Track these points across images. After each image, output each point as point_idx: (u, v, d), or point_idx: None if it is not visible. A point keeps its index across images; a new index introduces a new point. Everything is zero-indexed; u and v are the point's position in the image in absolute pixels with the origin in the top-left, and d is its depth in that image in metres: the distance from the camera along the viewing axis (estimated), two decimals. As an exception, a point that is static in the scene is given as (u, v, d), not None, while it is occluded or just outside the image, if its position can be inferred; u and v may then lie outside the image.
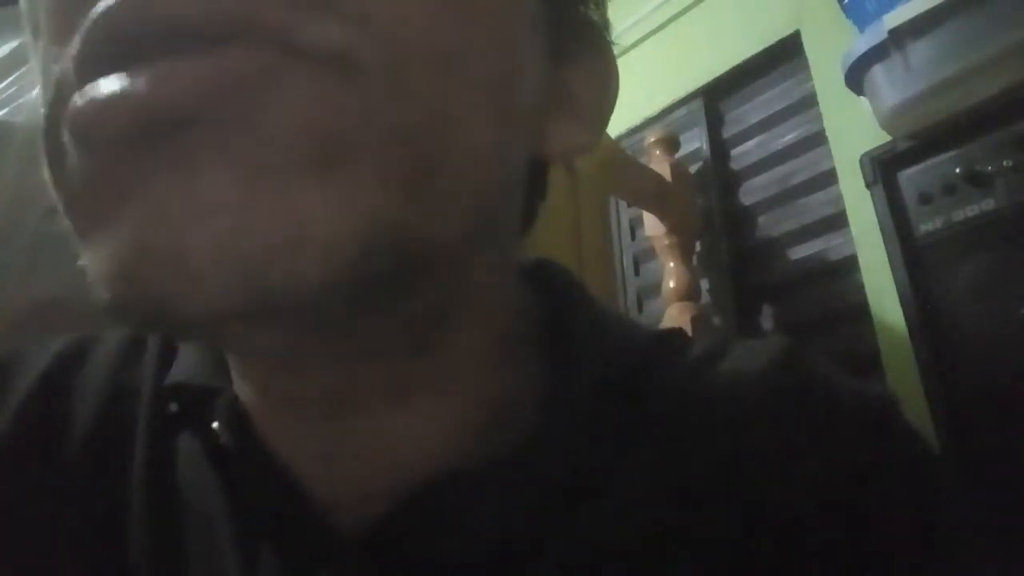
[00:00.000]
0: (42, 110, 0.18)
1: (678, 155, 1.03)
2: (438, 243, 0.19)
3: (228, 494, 0.24)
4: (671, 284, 0.94)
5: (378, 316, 0.20)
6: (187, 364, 0.27)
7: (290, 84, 0.16)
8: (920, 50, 0.70)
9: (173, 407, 0.26)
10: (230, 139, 0.16)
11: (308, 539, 0.23)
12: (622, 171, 0.95)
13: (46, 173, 0.19)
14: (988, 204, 0.70)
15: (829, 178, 0.88)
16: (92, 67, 0.16)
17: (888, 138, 0.79)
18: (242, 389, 0.25)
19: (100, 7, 0.16)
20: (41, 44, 0.18)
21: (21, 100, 0.66)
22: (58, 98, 0.17)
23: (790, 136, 0.95)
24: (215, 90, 0.15)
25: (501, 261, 0.26)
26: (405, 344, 0.23)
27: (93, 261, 0.18)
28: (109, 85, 0.16)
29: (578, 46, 0.26)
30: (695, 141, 1.06)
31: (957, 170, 0.72)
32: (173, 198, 0.16)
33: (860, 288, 0.81)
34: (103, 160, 0.16)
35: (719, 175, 1.02)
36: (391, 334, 0.22)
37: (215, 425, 0.25)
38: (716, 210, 1.00)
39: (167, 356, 0.28)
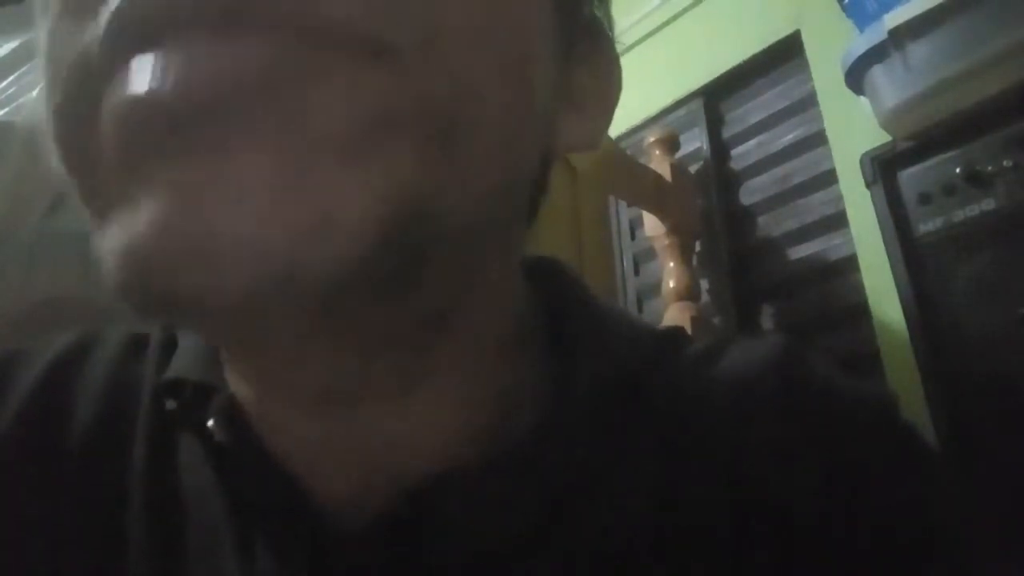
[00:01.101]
0: (51, 94, 0.18)
1: (678, 155, 1.03)
2: (459, 217, 0.19)
3: (226, 492, 0.24)
4: (671, 284, 0.94)
5: (394, 300, 0.20)
6: (184, 360, 0.27)
7: (325, 72, 0.16)
8: (920, 50, 0.70)
9: (171, 404, 0.26)
10: (266, 125, 0.16)
11: (307, 537, 0.23)
12: (622, 171, 0.95)
13: (58, 156, 0.19)
14: (988, 204, 0.70)
15: (829, 178, 0.88)
16: (124, 48, 0.16)
17: (888, 138, 0.79)
18: (238, 386, 0.25)
19: None
20: (51, 19, 0.18)
21: (21, 100, 0.66)
22: (84, 78, 0.17)
23: (790, 136, 0.95)
24: (253, 78, 0.15)
25: (508, 254, 0.26)
26: (413, 335, 0.22)
27: (113, 241, 0.17)
28: (147, 71, 0.16)
29: (584, 44, 0.26)
30: (695, 141, 1.06)
31: (957, 170, 0.72)
32: (205, 179, 0.16)
33: (860, 288, 0.81)
34: (138, 143, 0.16)
35: (719, 175, 1.02)
36: (402, 324, 0.22)
37: (210, 423, 0.25)
38: (716, 210, 1.00)
39: (168, 355, 0.28)
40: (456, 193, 0.19)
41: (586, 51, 0.26)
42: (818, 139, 0.91)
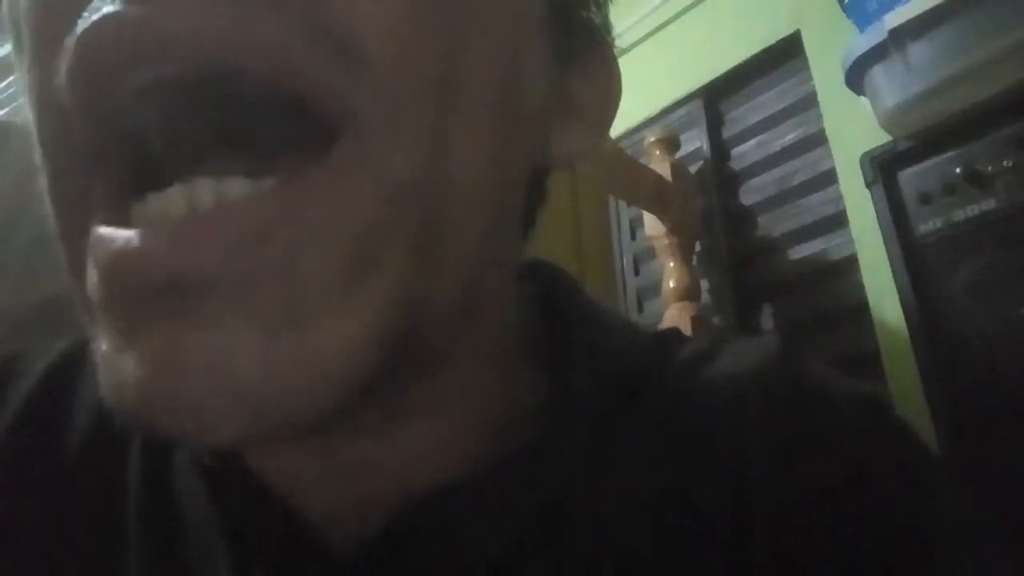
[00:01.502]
0: (42, 153, 0.18)
1: (678, 155, 1.03)
2: (447, 298, 0.19)
3: (220, 509, 0.24)
4: (671, 284, 0.94)
5: (388, 379, 0.20)
6: None
7: (313, 214, 0.16)
8: (920, 50, 0.70)
9: None
10: (250, 298, 0.15)
11: (302, 555, 0.23)
12: (622, 171, 0.94)
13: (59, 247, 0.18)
14: (988, 204, 0.70)
15: (829, 178, 0.88)
16: (96, 141, 0.16)
17: (888, 138, 0.79)
18: None
19: (80, 28, 0.15)
20: (25, 62, 0.18)
21: (21, 100, 0.66)
22: (72, 192, 0.17)
23: (790, 136, 0.95)
24: (237, 251, 0.15)
25: (502, 273, 0.26)
26: (412, 382, 0.22)
27: (102, 367, 0.17)
28: (124, 244, 0.15)
29: (581, 50, 0.25)
30: (695, 141, 1.06)
31: (957, 170, 0.72)
32: (184, 349, 0.15)
33: (860, 288, 0.81)
34: (117, 308, 0.16)
35: (719, 175, 1.02)
36: (400, 381, 0.21)
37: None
38: (716, 210, 1.00)
39: None
40: (447, 277, 0.18)
41: (583, 59, 0.26)
42: (818, 139, 0.91)
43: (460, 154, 0.18)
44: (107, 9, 0.15)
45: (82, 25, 0.15)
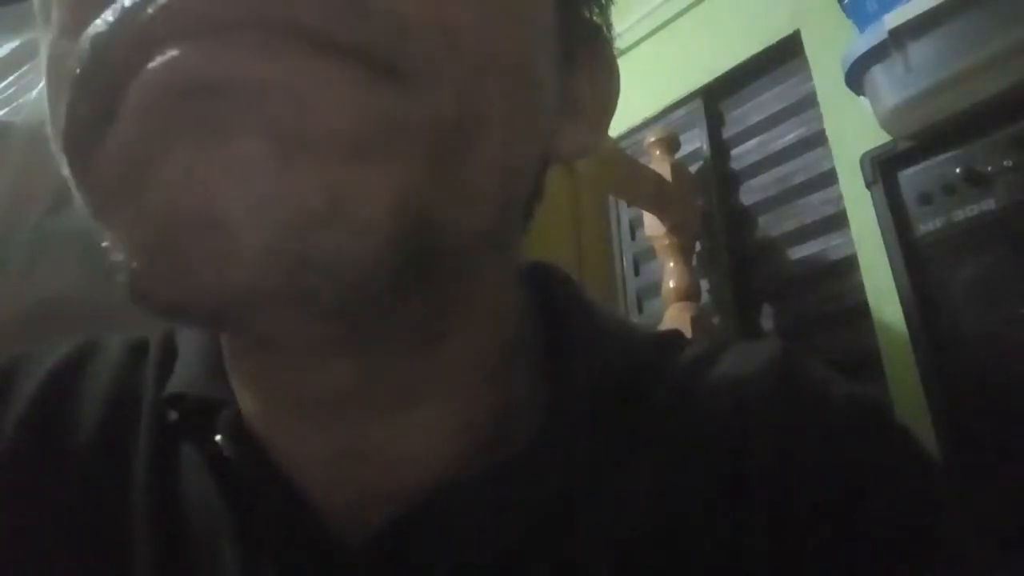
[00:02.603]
0: (58, 99, 0.18)
1: (678, 155, 1.03)
2: (461, 233, 0.19)
3: (230, 504, 0.24)
4: (671, 284, 0.94)
5: (396, 307, 0.20)
6: (186, 374, 0.27)
7: (339, 78, 0.16)
8: (920, 50, 0.70)
9: (173, 416, 0.26)
10: (273, 111, 0.16)
11: (311, 549, 0.23)
12: (622, 171, 0.95)
13: (64, 154, 0.18)
14: (988, 204, 0.70)
15: (829, 178, 0.88)
16: (147, 36, 0.16)
17: (888, 138, 0.79)
18: (243, 399, 0.25)
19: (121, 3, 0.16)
20: (53, 35, 0.18)
21: (21, 100, 0.66)
22: (97, 70, 0.17)
23: (790, 136, 0.95)
24: (267, 69, 0.15)
25: (506, 263, 0.26)
26: (415, 346, 0.23)
27: (121, 234, 0.18)
28: (174, 55, 0.16)
29: (584, 51, 0.26)
30: (695, 141, 1.06)
31: (957, 170, 0.72)
32: (209, 158, 0.16)
33: (860, 288, 0.81)
34: (147, 121, 0.16)
35: (719, 175, 1.02)
36: (403, 333, 0.22)
37: (218, 437, 0.25)
38: (716, 210, 1.00)
39: (167, 364, 0.28)
40: (460, 207, 0.19)
41: (586, 58, 0.26)
42: (818, 139, 0.91)
43: (491, 113, 0.19)
44: None
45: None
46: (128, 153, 0.17)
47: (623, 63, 0.28)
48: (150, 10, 0.15)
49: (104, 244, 0.19)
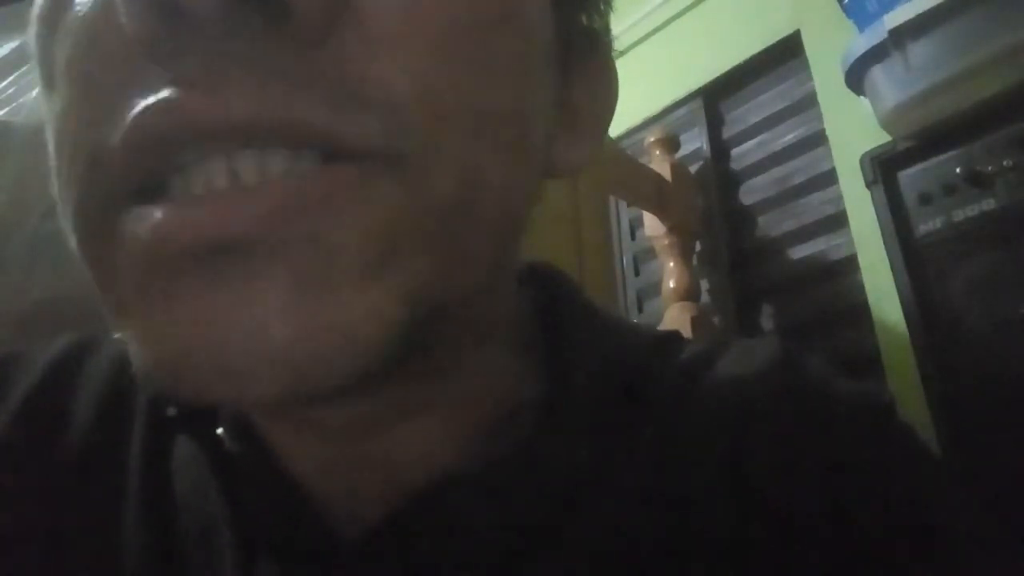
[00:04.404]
0: (65, 181, 0.18)
1: (678, 155, 1.03)
2: (468, 292, 0.20)
3: (228, 499, 0.24)
4: (671, 284, 0.94)
5: (410, 364, 0.20)
6: None
7: (339, 194, 0.16)
8: (920, 50, 0.70)
9: (172, 411, 0.26)
10: (285, 261, 0.16)
11: (308, 544, 0.23)
12: (622, 171, 0.95)
13: (67, 228, 0.19)
14: (988, 204, 0.70)
15: (829, 178, 0.88)
16: (144, 167, 0.16)
17: (888, 138, 0.79)
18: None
19: (138, 110, 0.16)
20: (61, 100, 0.18)
21: (21, 100, 0.66)
22: (103, 182, 0.17)
23: (790, 136, 0.95)
24: (274, 217, 0.16)
25: (506, 278, 0.26)
26: (425, 372, 0.23)
27: (135, 346, 0.18)
28: (167, 213, 0.16)
29: (581, 57, 0.26)
30: (695, 141, 1.06)
31: (957, 170, 0.72)
32: (224, 312, 0.16)
33: (860, 288, 0.81)
34: (159, 276, 0.17)
35: (719, 175, 1.02)
36: (418, 370, 0.22)
37: (220, 430, 0.25)
38: (716, 210, 1.00)
39: None
40: (463, 276, 0.19)
41: (584, 66, 0.26)
42: (818, 139, 0.91)
43: (488, 178, 0.19)
44: (163, 95, 0.16)
45: (140, 103, 0.16)
46: (138, 287, 0.17)
47: (622, 63, 0.28)
48: (151, 115, 0.16)
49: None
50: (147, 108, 0.16)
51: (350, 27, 0.17)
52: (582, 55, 0.26)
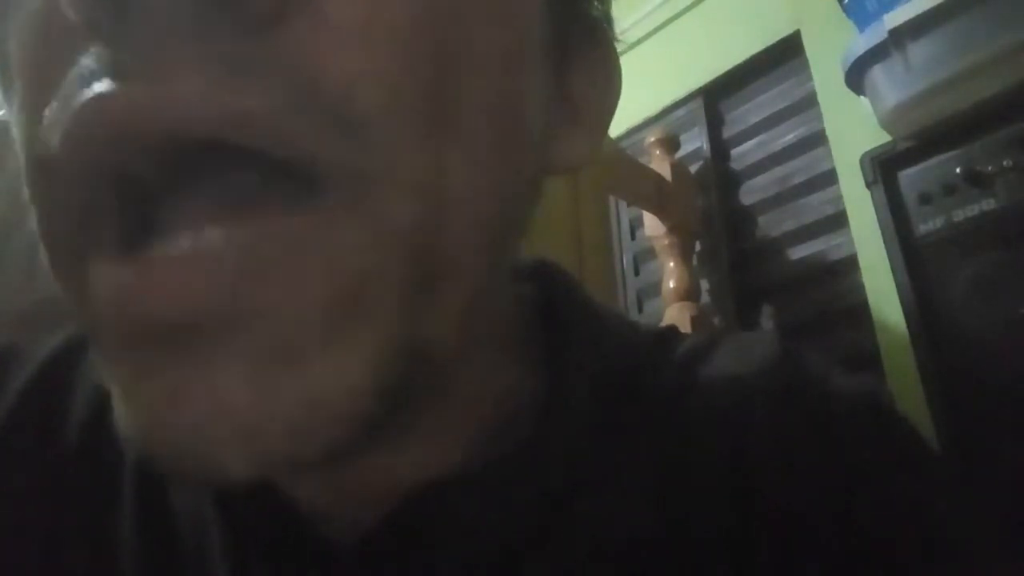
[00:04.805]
0: (30, 193, 0.18)
1: (678, 155, 1.03)
2: (450, 324, 0.18)
3: (218, 501, 0.24)
4: (671, 284, 0.94)
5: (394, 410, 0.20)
6: None
7: (306, 261, 0.15)
8: (920, 50, 0.70)
9: None
10: (246, 337, 0.15)
11: (301, 548, 0.23)
12: (622, 171, 0.94)
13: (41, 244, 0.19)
14: (988, 204, 0.70)
15: (829, 178, 0.88)
16: (86, 196, 0.16)
17: (888, 138, 0.79)
18: None
19: (75, 110, 0.15)
20: (14, 102, 0.18)
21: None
22: (64, 235, 0.17)
23: (790, 136, 0.95)
24: (232, 293, 0.15)
25: (500, 276, 0.25)
26: (414, 402, 0.22)
27: (116, 402, 0.18)
28: (114, 280, 0.16)
29: (581, 47, 0.24)
30: (695, 141, 1.06)
31: (957, 170, 0.72)
32: (188, 390, 0.16)
33: (860, 288, 0.81)
34: (127, 346, 0.16)
35: (719, 175, 1.02)
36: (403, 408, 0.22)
37: None
38: (716, 210, 1.00)
39: None
40: (447, 308, 0.18)
41: (584, 55, 0.25)
42: (818, 139, 0.91)
43: (460, 195, 0.18)
44: (98, 90, 0.15)
45: (75, 102, 0.15)
46: (107, 355, 0.17)
47: (623, 63, 0.27)
48: (72, 136, 0.15)
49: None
50: (85, 106, 0.15)
51: (306, 12, 0.15)
52: (581, 45, 0.24)
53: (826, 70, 0.87)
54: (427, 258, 0.17)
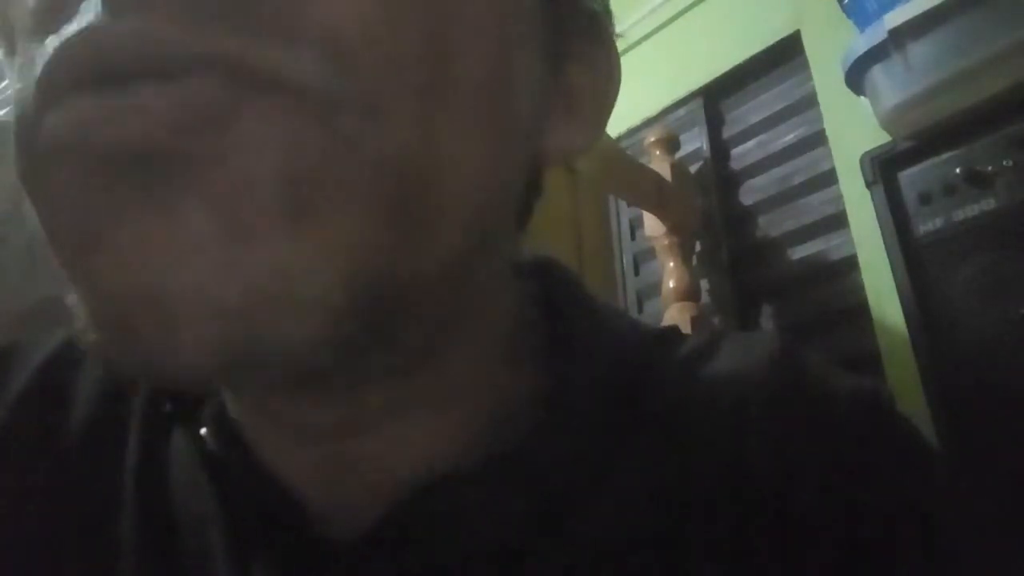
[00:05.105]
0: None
1: (678, 155, 1.03)
2: (428, 273, 0.19)
3: (220, 499, 0.24)
4: (671, 284, 0.94)
5: (374, 352, 0.20)
6: None
7: (257, 123, 0.15)
8: (920, 50, 0.70)
9: (168, 406, 0.26)
10: (204, 177, 0.15)
11: (301, 546, 0.23)
12: (622, 171, 0.94)
13: (31, 210, 0.18)
14: (988, 204, 0.70)
15: (829, 178, 0.88)
16: (56, 92, 0.16)
17: (888, 138, 0.79)
18: (228, 399, 0.25)
19: (56, 41, 0.15)
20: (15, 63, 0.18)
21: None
22: (24, 124, 0.16)
23: (790, 136, 0.95)
24: (185, 124, 0.15)
25: (498, 267, 0.26)
26: (406, 367, 0.22)
27: (79, 302, 0.17)
28: (78, 109, 0.15)
29: (579, 39, 0.25)
30: (695, 141, 1.06)
31: (957, 170, 0.72)
32: (151, 236, 0.15)
33: (860, 288, 0.81)
34: (78, 191, 0.16)
35: (719, 175, 1.02)
36: (390, 362, 0.21)
37: (203, 430, 0.25)
38: (716, 210, 1.00)
39: None
40: (425, 252, 0.18)
41: (582, 47, 0.25)
42: (818, 139, 0.91)
43: (449, 146, 0.18)
44: (82, 23, 0.15)
45: (68, 29, 0.15)
46: (76, 224, 0.16)
47: (623, 63, 0.27)
48: (54, 65, 0.15)
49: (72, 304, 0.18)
50: (67, 40, 0.15)
51: None
52: (579, 37, 0.25)
53: (826, 70, 0.87)
54: (411, 190, 0.17)
